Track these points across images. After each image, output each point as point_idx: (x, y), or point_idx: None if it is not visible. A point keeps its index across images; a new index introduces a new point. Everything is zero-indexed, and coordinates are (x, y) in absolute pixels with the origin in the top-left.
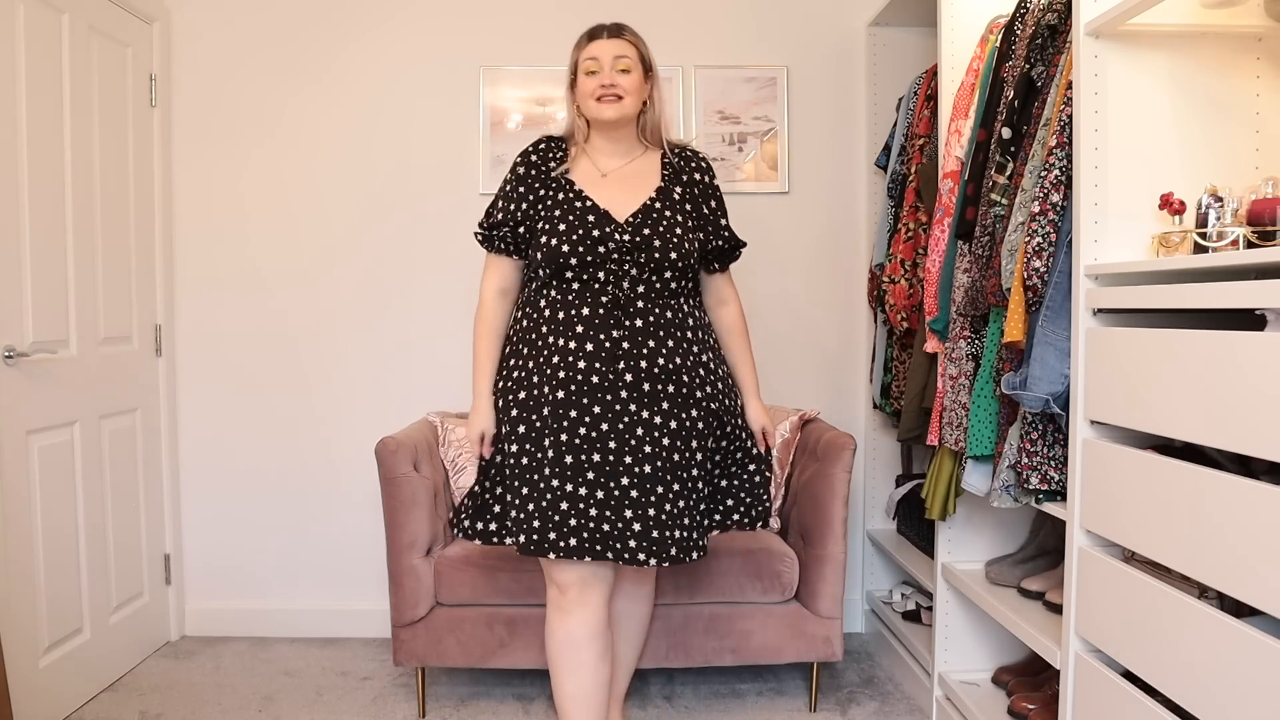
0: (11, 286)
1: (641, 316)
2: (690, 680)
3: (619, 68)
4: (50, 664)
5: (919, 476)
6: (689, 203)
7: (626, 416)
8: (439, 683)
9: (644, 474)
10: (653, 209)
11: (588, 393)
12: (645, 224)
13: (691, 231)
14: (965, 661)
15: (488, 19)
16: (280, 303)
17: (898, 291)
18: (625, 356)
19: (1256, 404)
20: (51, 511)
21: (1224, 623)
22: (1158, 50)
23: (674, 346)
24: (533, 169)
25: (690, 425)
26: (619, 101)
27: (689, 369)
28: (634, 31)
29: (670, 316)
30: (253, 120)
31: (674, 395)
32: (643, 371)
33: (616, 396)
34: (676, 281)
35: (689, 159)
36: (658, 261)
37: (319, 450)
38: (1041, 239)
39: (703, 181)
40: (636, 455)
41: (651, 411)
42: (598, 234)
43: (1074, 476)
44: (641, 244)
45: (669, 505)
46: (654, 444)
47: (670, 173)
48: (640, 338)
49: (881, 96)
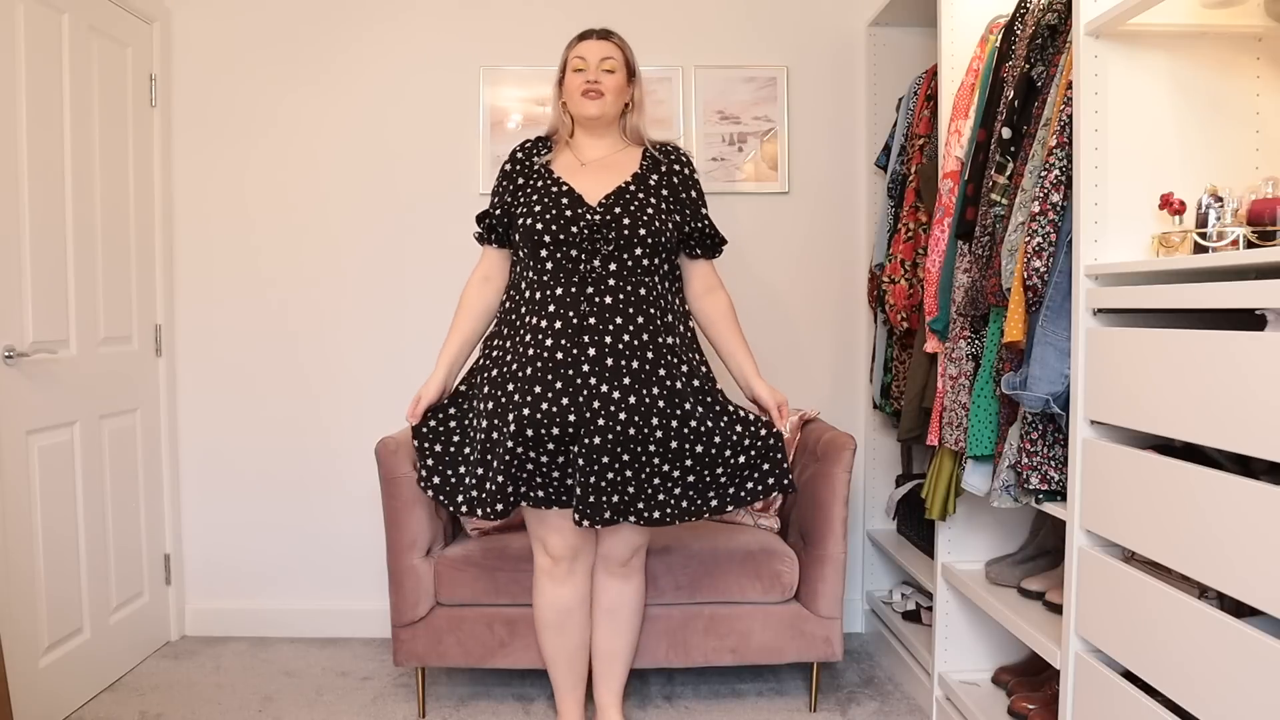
0: (11, 286)
1: (611, 294)
2: (690, 680)
3: (604, 68)
4: (50, 664)
5: (919, 476)
6: (665, 188)
7: (586, 390)
8: (439, 683)
9: (592, 444)
10: (626, 190)
11: (552, 369)
12: (617, 204)
13: (665, 213)
14: (965, 661)
15: (488, 19)
16: (280, 302)
17: (898, 291)
18: (590, 331)
19: (1256, 404)
20: (51, 511)
21: (1224, 623)
22: (1158, 50)
23: (643, 323)
24: (518, 164)
25: (651, 402)
26: (601, 99)
27: (655, 346)
28: (621, 37)
29: (643, 294)
30: (253, 120)
31: (637, 371)
32: (606, 347)
33: (579, 371)
34: (649, 259)
35: (669, 153)
36: (627, 238)
37: (319, 450)
38: (1041, 239)
39: (682, 173)
40: (589, 427)
41: (611, 386)
42: (570, 214)
43: (1074, 476)
44: (611, 221)
45: (612, 474)
46: (609, 418)
47: (649, 163)
48: (608, 314)
49: (881, 96)
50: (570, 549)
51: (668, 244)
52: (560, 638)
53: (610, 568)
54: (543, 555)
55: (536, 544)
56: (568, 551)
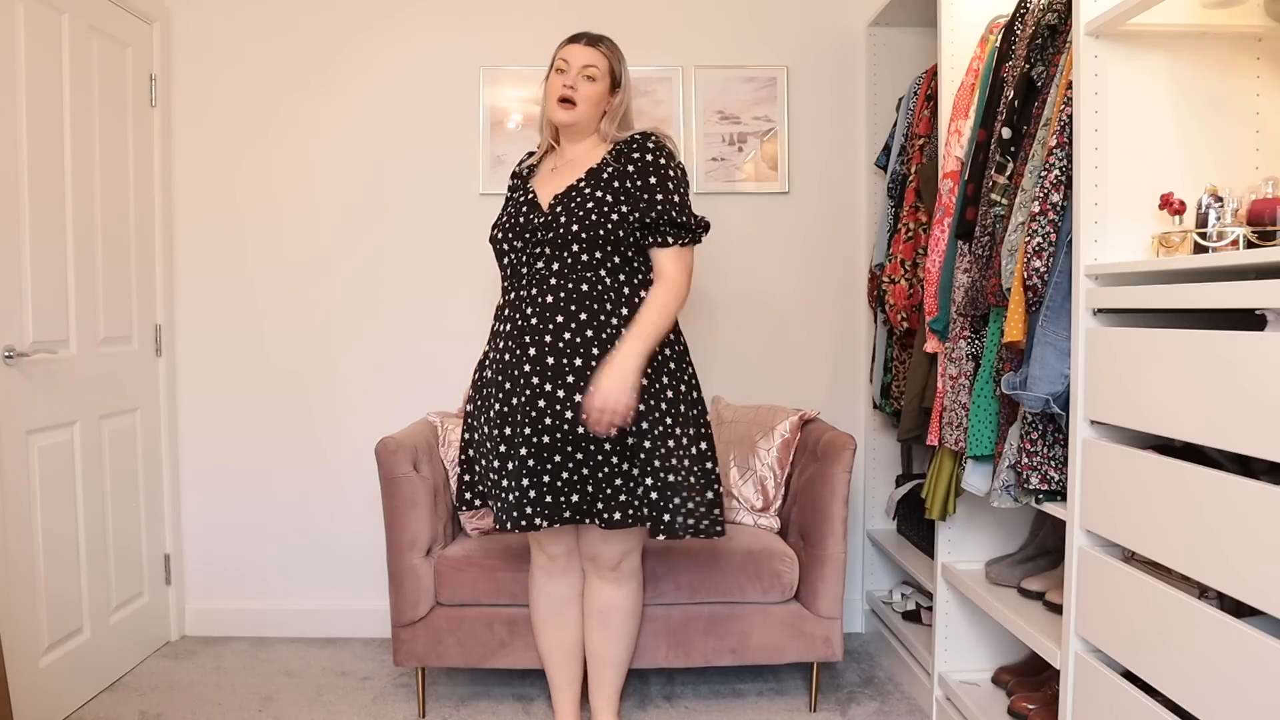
0: (11, 286)
1: (553, 293)
2: (690, 680)
3: (585, 74)
4: (50, 664)
5: (919, 476)
6: (618, 179)
7: (529, 390)
8: (439, 683)
9: (541, 444)
10: (575, 189)
11: (501, 370)
12: (560, 203)
13: (611, 206)
14: (965, 661)
15: (488, 19)
16: (280, 302)
17: (898, 291)
18: (531, 331)
19: (1256, 404)
20: (51, 511)
21: (1224, 623)
22: (1158, 50)
23: (586, 319)
24: (514, 179)
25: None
26: (573, 108)
27: (600, 342)
28: (612, 45)
29: (585, 289)
30: (252, 120)
31: (581, 369)
32: (547, 346)
33: (521, 371)
34: (588, 254)
35: (637, 141)
36: (563, 236)
37: (319, 450)
38: (1041, 239)
39: (642, 159)
40: (536, 426)
41: (555, 385)
42: (523, 220)
43: (1074, 476)
44: (552, 221)
45: (566, 474)
46: (556, 416)
47: (610, 155)
48: (549, 314)
49: (881, 96)
50: (567, 548)
51: (610, 237)
52: (556, 631)
53: (601, 571)
54: (539, 553)
55: (532, 543)
56: (564, 549)
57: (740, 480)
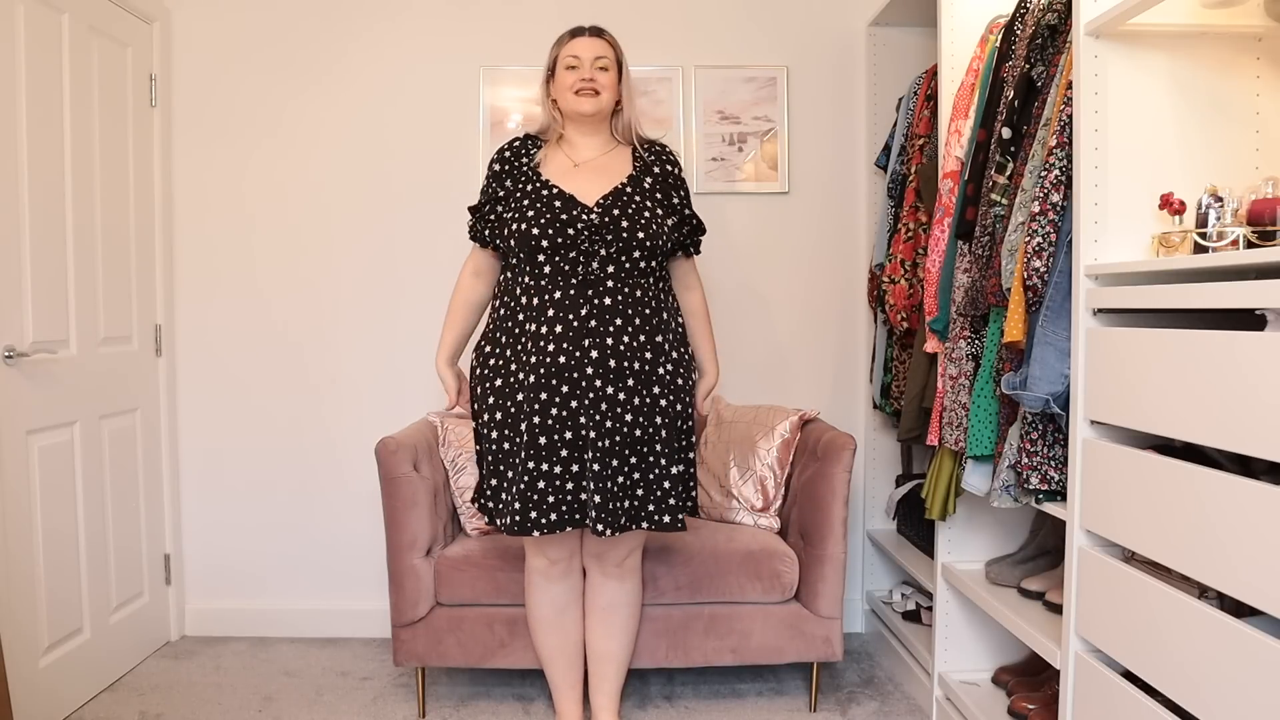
0: (11, 286)
1: (610, 295)
2: (690, 680)
3: (598, 65)
4: (50, 664)
5: (919, 476)
6: (659, 191)
7: (592, 393)
8: (439, 683)
9: (604, 448)
10: (623, 192)
11: (556, 373)
12: (615, 205)
13: (660, 217)
14: (965, 661)
15: (488, 19)
16: (280, 302)
17: (898, 291)
18: (591, 334)
19: (1256, 404)
20: (51, 511)
21: (1224, 623)
22: (1158, 50)
23: (640, 324)
24: (506, 164)
25: (653, 401)
26: (596, 96)
27: (654, 346)
28: (612, 35)
29: (639, 295)
30: (253, 120)
31: (639, 371)
32: (608, 348)
33: (583, 374)
34: (645, 262)
35: (658, 153)
36: (625, 241)
37: (319, 450)
38: (1041, 239)
39: (672, 174)
40: (600, 430)
41: (616, 388)
42: (566, 217)
43: (1074, 476)
44: (610, 224)
45: (622, 478)
46: (616, 419)
47: (641, 164)
48: (608, 315)
49: (881, 96)
50: (567, 552)
51: (664, 247)
52: (558, 635)
53: (606, 568)
54: (539, 558)
55: (532, 547)
56: (567, 552)
57: (740, 480)
